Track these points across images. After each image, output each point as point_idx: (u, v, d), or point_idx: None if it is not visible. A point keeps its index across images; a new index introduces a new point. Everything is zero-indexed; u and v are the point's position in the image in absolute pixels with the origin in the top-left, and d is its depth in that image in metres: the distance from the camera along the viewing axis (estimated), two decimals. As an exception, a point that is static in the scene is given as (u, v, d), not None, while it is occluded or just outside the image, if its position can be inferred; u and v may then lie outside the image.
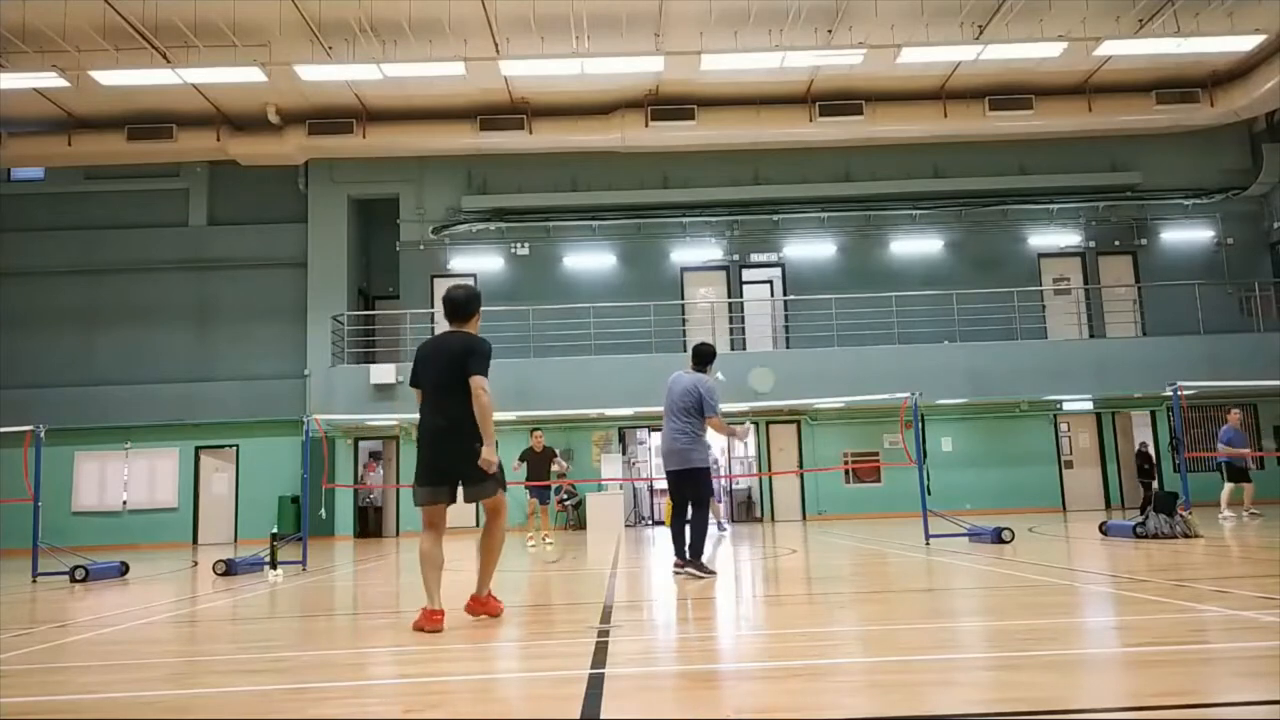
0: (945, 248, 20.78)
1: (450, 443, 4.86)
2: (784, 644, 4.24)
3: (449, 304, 5.12)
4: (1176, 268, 20.60)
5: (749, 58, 16.24)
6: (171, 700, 3.41)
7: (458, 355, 4.90)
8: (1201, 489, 14.73)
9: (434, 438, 4.91)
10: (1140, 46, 16.41)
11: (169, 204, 21.18)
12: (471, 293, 5.15)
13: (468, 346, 4.91)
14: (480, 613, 5.11)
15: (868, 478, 20.02)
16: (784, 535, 13.92)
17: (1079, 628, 4.37)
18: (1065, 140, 20.56)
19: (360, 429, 19.95)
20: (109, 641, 5.01)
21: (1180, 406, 11.15)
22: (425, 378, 5.01)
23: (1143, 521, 9.94)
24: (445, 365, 4.92)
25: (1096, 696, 2.92)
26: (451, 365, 4.90)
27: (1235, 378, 16.05)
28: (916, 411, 11.12)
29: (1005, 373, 18.43)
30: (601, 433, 20.19)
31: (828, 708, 2.89)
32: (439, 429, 4.89)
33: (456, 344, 4.95)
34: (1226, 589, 5.34)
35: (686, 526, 7.37)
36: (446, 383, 4.88)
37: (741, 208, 20.77)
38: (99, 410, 19.87)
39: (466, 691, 3.44)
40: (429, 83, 17.41)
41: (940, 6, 16.06)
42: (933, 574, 7.09)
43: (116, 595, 7.93)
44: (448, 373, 4.89)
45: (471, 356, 4.87)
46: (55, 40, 15.58)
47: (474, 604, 5.10)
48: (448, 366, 4.90)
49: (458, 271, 20.66)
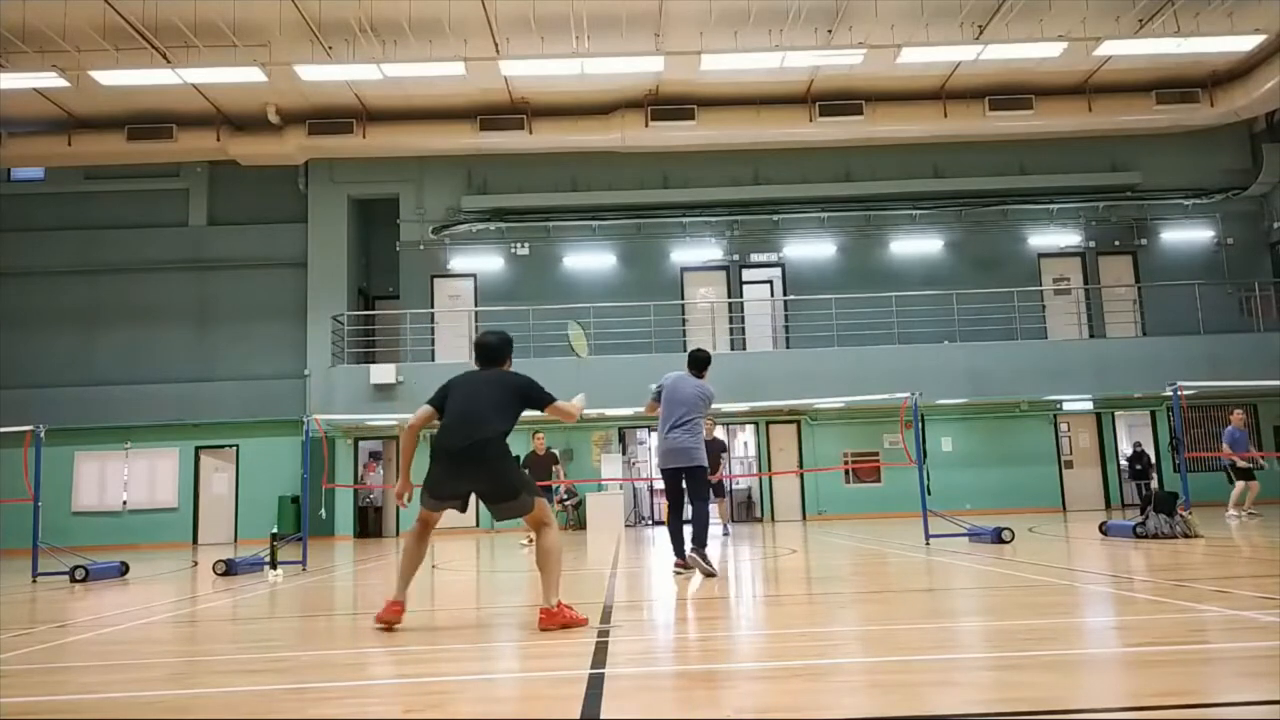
0: (945, 248, 20.79)
1: (480, 467, 4.85)
2: (784, 644, 4.24)
3: (484, 349, 5.22)
4: (1176, 268, 20.60)
5: (749, 58, 16.25)
6: (172, 700, 3.40)
7: (521, 388, 5.04)
8: (1202, 489, 14.73)
9: (463, 458, 4.85)
10: (1140, 46, 16.42)
11: (169, 204, 21.19)
12: (504, 338, 5.28)
13: (528, 383, 5.07)
14: (554, 625, 4.68)
15: (868, 478, 20.02)
16: (784, 535, 13.92)
17: (1079, 628, 4.37)
18: (1065, 140, 20.56)
19: (360, 429, 19.95)
20: (109, 641, 5.00)
21: (1180, 406, 11.15)
22: (463, 402, 4.98)
23: (1143, 521, 9.94)
24: (499, 395, 4.99)
25: (1096, 696, 2.92)
26: (505, 395, 5.00)
27: (1235, 378, 16.05)
28: (916, 411, 11.12)
29: (1005, 373, 18.44)
30: (601, 433, 20.20)
31: (828, 708, 2.89)
32: (470, 453, 4.83)
33: (512, 380, 5.09)
34: (1226, 589, 5.34)
35: (685, 525, 7.66)
36: (491, 411, 4.91)
37: (741, 208, 20.77)
38: (99, 410, 19.87)
39: (466, 691, 3.44)
40: (429, 83, 17.42)
41: (940, 6, 16.06)
42: (933, 574, 7.10)
43: (116, 595, 7.93)
44: (497, 400, 4.95)
45: (536, 389, 5.05)
46: (55, 40, 15.58)
47: (546, 617, 4.73)
48: (501, 396, 4.98)
49: (458, 271, 20.67)
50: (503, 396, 4.97)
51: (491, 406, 4.92)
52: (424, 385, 12.55)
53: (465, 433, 4.85)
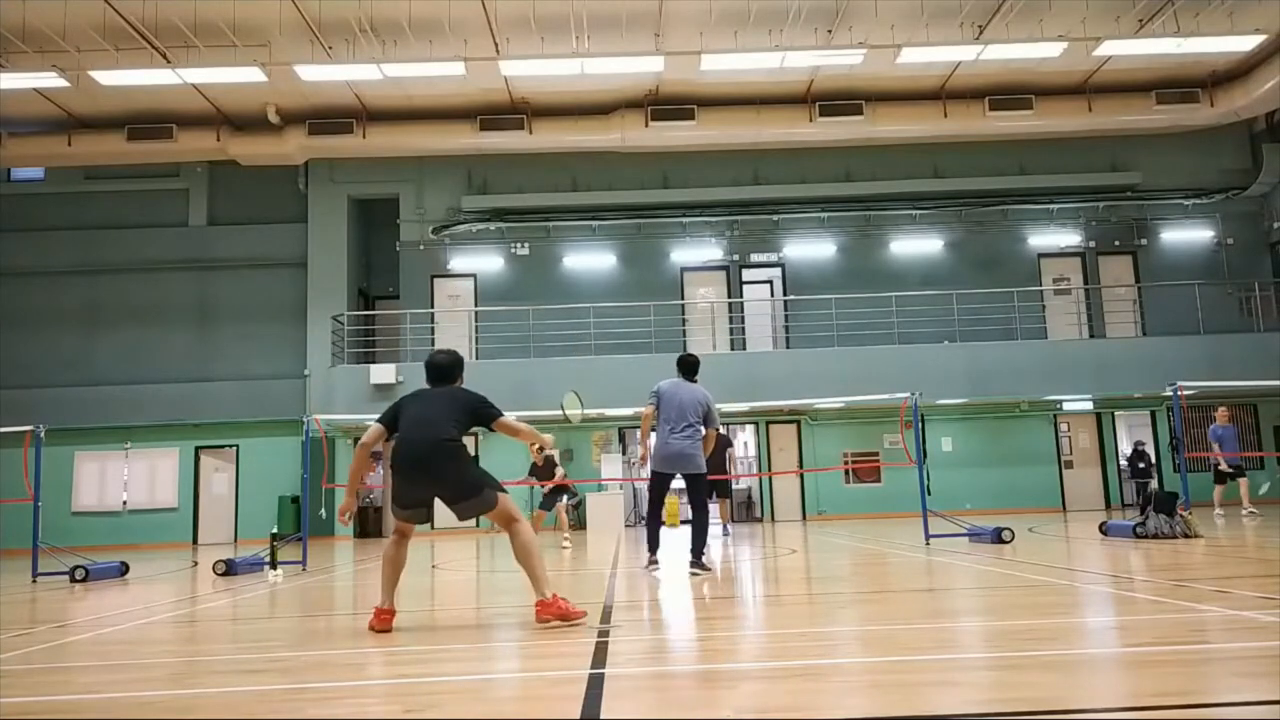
0: (945, 248, 20.78)
1: (437, 470, 4.99)
2: (784, 644, 4.24)
3: (435, 368, 5.36)
4: (1176, 268, 20.59)
5: (749, 58, 16.24)
6: (172, 700, 3.41)
7: (471, 404, 5.18)
8: (1202, 489, 14.72)
9: (418, 466, 5.00)
10: (1140, 47, 16.41)
11: (169, 204, 21.18)
12: (455, 358, 5.44)
13: (479, 400, 5.22)
14: (550, 616, 4.81)
15: (868, 478, 20.01)
16: (784, 535, 13.92)
17: (1079, 628, 4.37)
18: (1065, 140, 20.55)
19: (360, 429, 19.89)
20: (109, 641, 5.00)
21: (1180, 406, 11.15)
22: (415, 415, 5.12)
23: (1142, 521, 9.94)
24: (450, 408, 5.14)
25: (1096, 696, 2.92)
26: (455, 408, 5.14)
27: (1235, 378, 16.04)
28: (916, 411, 11.11)
29: (1005, 373, 18.43)
30: (601, 433, 20.20)
31: (828, 708, 2.89)
32: (426, 458, 4.98)
33: (463, 396, 5.25)
34: (1226, 589, 5.33)
35: (664, 526, 7.82)
36: (444, 420, 5.06)
37: (741, 208, 20.76)
38: (99, 410, 19.86)
39: (466, 691, 3.44)
40: (429, 83, 17.41)
41: (940, 6, 16.06)
42: (933, 574, 7.10)
43: (116, 595, 7.93)
44: (449, 413, 5.10)
45: (485, 406, 5.21)
46: (55, 40, 15.57)
47: (541, 608, 4.86)
48: (451, 408, 5.13)
49: (458, 271, 20.67)
50: (453, 410, 5.12)
51: (443, 417, 5.07)
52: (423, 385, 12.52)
53: (420, 438, 5.00)
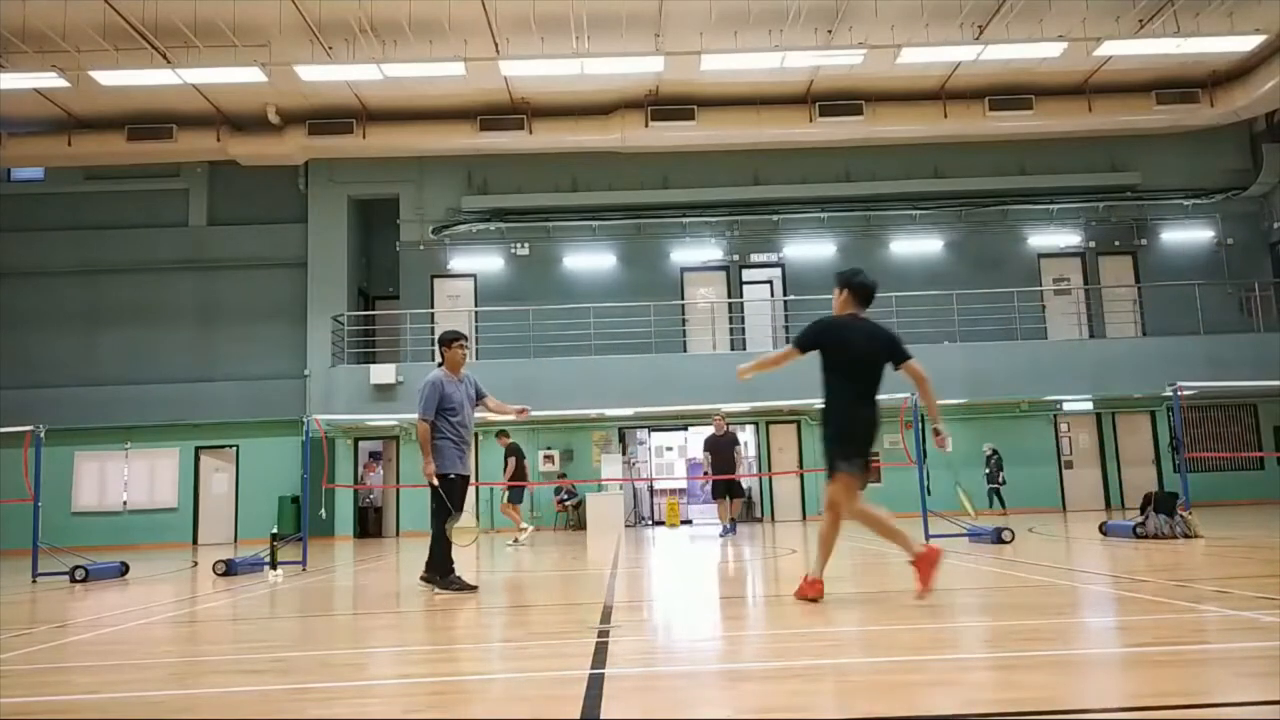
0: (945, 248, 20.78)
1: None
2: (784, 644, 4.24)
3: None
4: (1176, 268, 20.58)
5: (749, 58, 16.24)
6: (172, 700, 3.41)
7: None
8: (1202, 489, 14.72)
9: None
10: (1140, 47, 16.41)
11: (169, 204, 21.18)
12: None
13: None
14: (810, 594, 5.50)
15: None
16: (784, 535, 13.92)
17: (1079, 628, 4.37)
18: (1065, 140, 20.54)
19: (360, 429, 19.95)
20: (109, 641, 5.01)
21: (1180, 407, 11.15)
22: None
23: (1142, 522, 9.95)
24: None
25: (1096, 696, 2.92)
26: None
27: (1235, 378, 16.03)
28: (916, 412, 11.11)
29: (1005, 373, 18.42)
30: (601, 433, 20.19)
31: (828, 708, 2.89)
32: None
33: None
34: (1226, 589, 5.34)
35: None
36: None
37: (741, 208, 20.76)
38: (99, 410, 19.85)
39: (466, 691, 3.44)
40: (429, 83, 17.40)
41: (940, 6, 16.06)
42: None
43: (116, 595, 7.93)
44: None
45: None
46: (55, 40, 15.57)
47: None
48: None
49: (458, 271, 20.67)
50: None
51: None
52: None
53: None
